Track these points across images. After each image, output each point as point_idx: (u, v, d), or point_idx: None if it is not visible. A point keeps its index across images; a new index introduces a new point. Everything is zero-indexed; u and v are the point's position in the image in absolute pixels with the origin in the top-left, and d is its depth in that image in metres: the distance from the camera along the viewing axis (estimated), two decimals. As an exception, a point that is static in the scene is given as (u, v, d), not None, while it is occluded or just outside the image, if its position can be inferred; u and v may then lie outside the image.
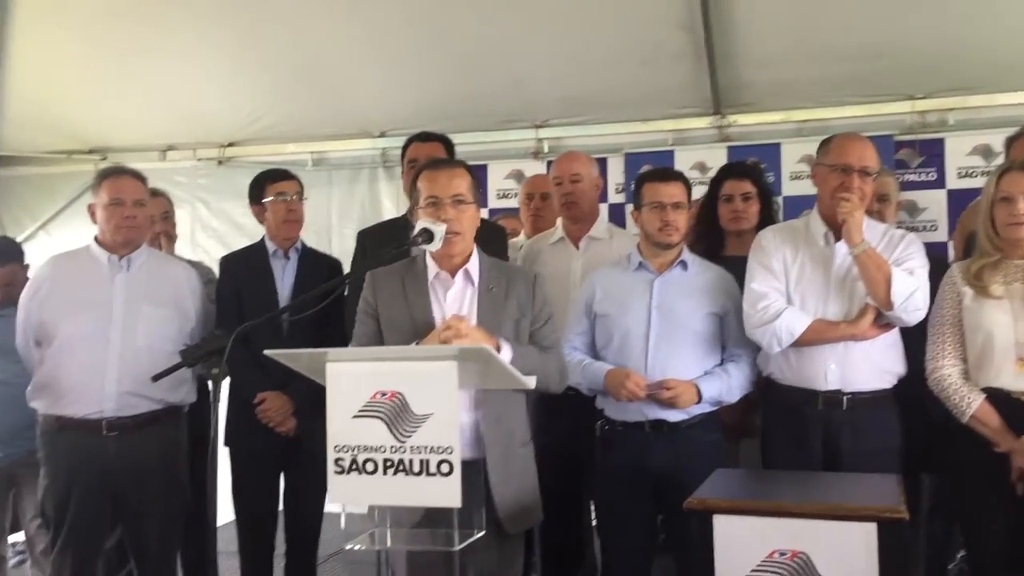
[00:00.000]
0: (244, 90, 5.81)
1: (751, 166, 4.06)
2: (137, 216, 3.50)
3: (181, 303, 3.59)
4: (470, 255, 2.84)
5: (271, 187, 3.79)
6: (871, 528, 2.22)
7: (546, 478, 2.95)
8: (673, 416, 3.17)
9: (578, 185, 3.86)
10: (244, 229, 5.80)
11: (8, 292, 4.05)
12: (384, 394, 2.34)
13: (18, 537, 4.52)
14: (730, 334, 3.25)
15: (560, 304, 3.52)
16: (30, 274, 3.94)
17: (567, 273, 3.80)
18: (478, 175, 5.54)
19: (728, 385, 3.20)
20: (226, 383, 2.90)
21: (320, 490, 3.68)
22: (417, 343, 2.66)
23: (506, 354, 2.62)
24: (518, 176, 5.67)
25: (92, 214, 3.55)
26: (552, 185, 4.01)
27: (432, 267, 2.83)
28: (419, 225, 2.72)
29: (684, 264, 3.28)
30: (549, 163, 5.27)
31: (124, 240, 3.49)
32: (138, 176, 3.58)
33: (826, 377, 3.07)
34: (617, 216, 5.41)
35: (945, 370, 2.98)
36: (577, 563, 3.98)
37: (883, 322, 3.02)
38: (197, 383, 3.70)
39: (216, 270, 4.24)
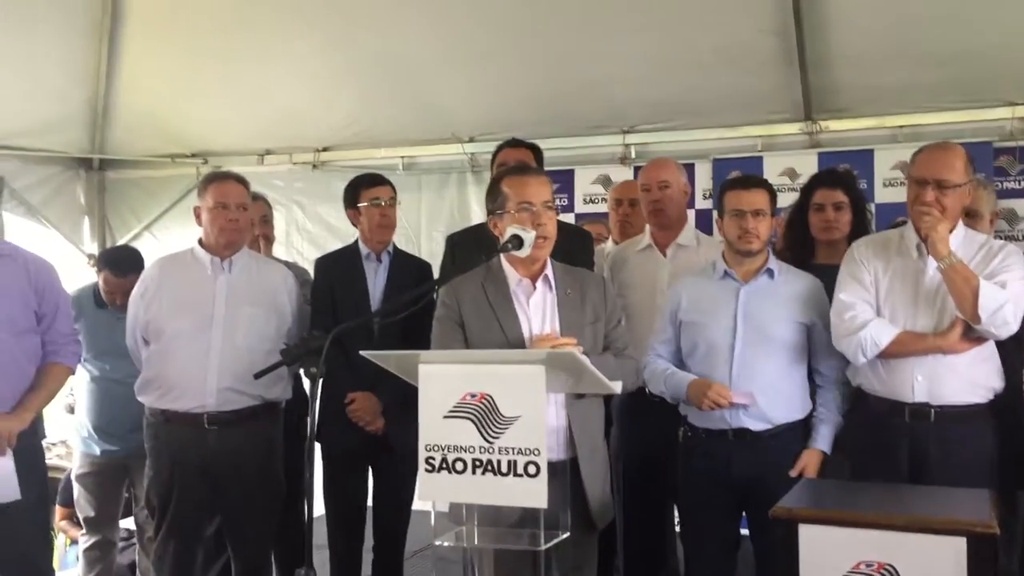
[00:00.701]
0: (337, 96, 5.96)
1: (844, 174, 3.98)
2: (240, 219, 3.65)
3: (278, 304, 3.72)
4: (546, 261, 2.90)
5: (366, 192, 3.88)
6: (960, 543, 2.20)
7: (630, 482, 3.01)
8: (756, 425, 3.18)
9: (666, 192, 3.85)
10: (337, 232, 5.97)
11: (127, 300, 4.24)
12: (474, 395, 2.41)
13: (128, 524, 4.74)
14: (818, 346, 3.23)
15: (647, 311, 3.55)
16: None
17: (654, 280, 3.81)
18: (565, 180, 5.66)
19: (833, 420, 3.24)
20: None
21: (407, 488, 3.81)
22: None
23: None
24: (605, 181, 5.69)
25: (197, 216, 3.71)
26: (640, 191, 4.00)
27: (513, 274, 2.88)
28: (509, 231, 2.77)
29: (771, 272, 3.27)
30: (636, 168, 5.30)
31: (227, 242, 3.64)
32: (241, 181, 3.73)
33: (913, 389, 3.03)
34: (704, 222, 5.37)
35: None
36: (661, 567, 3.98)
37: (973, 336, 2.96)
38: (292, 381, 3.84)
39: (311, 271, 4.37)
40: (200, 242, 3.72)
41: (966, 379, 3.01)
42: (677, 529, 3.89)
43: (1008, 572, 3.48)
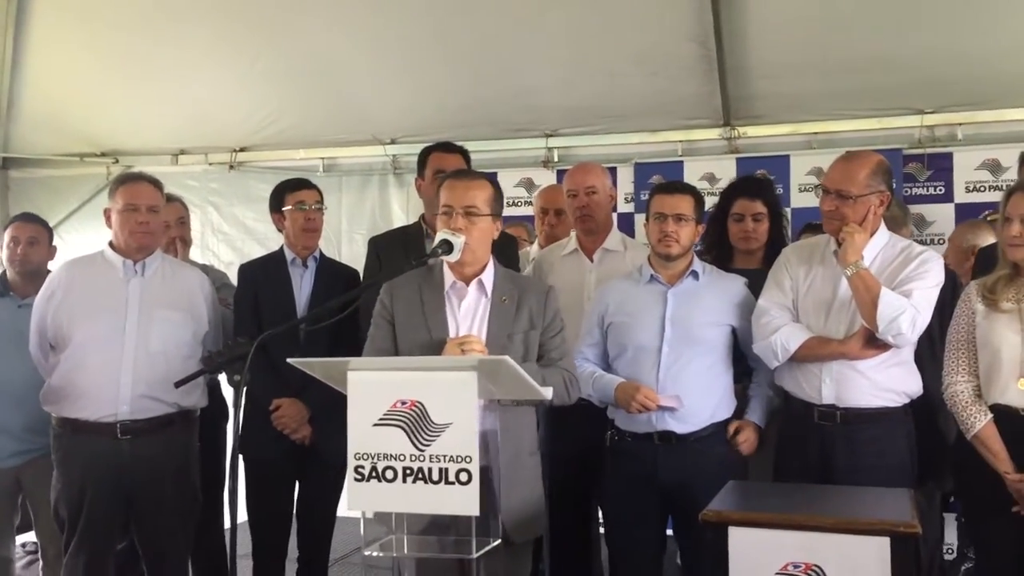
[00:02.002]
0: (256, 95, 5.85)
1: (764, 185, 4.03)
2: (151, 223, 3.53)
3: (195, 308, 3.62)
4: (485, 266, 2.88)
5: (290, 196, 3.81)
6: (884, 543, 2.25)
7: (555, 487, 2.98)
8: (681, 428, 3.21)
9: (593, 197, 3.84)
10: (255, 234, 5.87)
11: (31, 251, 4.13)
12: (404, 403, 2.37)
13: (28, 537, 4.54)
14: (747, 344, 3.27)
15: (573, 316, 3.53)
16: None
17: (581, 285, 3.79)
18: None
19: (769, 398, 3.32)
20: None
21: (333, 496, 3.77)
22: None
23: None
24: (528, 184, 5.71)
25: (107, 218, 3.58)
26: (566, 197, 3.98)
27: (449, 277, 2.87)
28: (439, 236, 2.75)
29: (695, 274, 3.31)
30: (560, 172, 5.34)
31: (138, 246, 3.52)
32: (154, 183, 3.61)
33: (821, 392, 3.10)
34: (626, 226, 5.44)
35: (958, 386, 3.01)
36: (585, 572, 3.99)
37: (878, 343, 3.02)
38: (207, 388, 3.74)
39: (228, 275, 4.28)
40: (111, 244, 3.59)
41: (873, 383, 3.07)
42: (601, 532, 3.92)
43: (928, 562, 3.61)
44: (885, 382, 3.08)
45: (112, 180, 3.69)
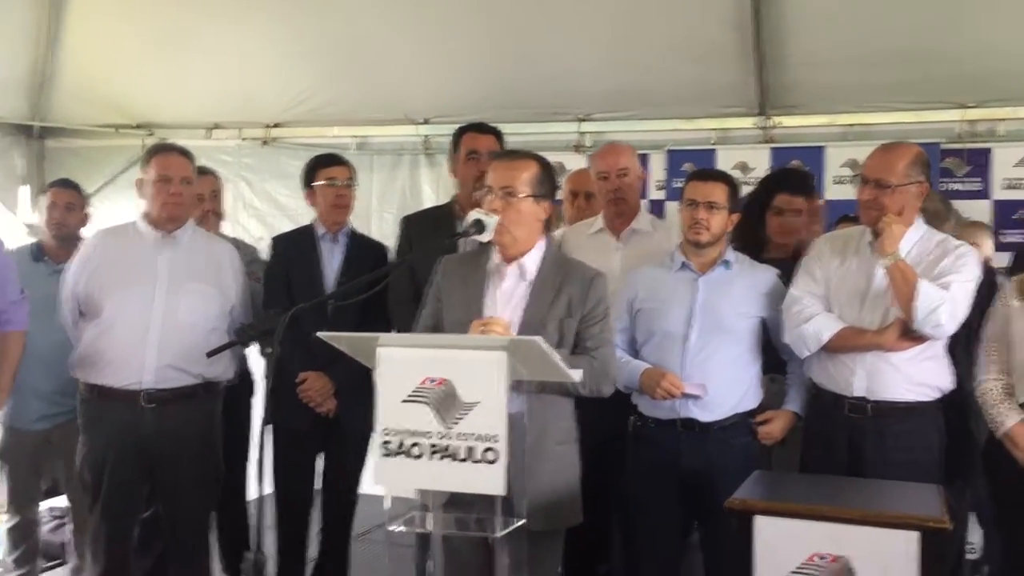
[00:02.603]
0: (291, 72, 5.86)
1: (807, 181, 3.98)
2: (183, 194, 3.54)
3: (223, 281, 3.63)
4: (529, 248, 2.84)
5: (322, 172, 3.83)
6: (913, 537, 2.23)
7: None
8: (704, 416, 3.19)
9: (625, 179, 3.79)
10: (286, 210, 5.89)
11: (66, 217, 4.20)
12: (433, 380, 2.36)
13: (55, 503, 4.60)
14: (779, 337, 3.24)
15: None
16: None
17: (606, 265, 3.74)
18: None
19: (804, 382, 3.28)
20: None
21: (357, 470, 3.79)
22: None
23: None
24: (559, 169, 5.65)
25: (139, 188, 3.60)
26: (596, 180, 3.93)
27: (496, 258, 2.85)
28: (471, 215, 2.74)
29: (727, 263, 3.28)
30: (591, 154, 5.29)
31: (169, 217, 3.53)
32: (186, 154, 3.62)
33: (852, 384, 3.07)
34: (657, 213, 5.40)
35: (988, 384, 2.98)
36: (602, 560, 3.98)
37: (914, 335, 2.99)
38: (237, 361, 3.76)
39: (258, 249, 4.30)
40: (143, 215, 3.61)
41: (906, 377, 3.04)
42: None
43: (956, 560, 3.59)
44: (918, 376, 3.05)
45: (145, 151, 3.68)
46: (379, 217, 5.96)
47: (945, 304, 2.90)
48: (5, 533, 4.27)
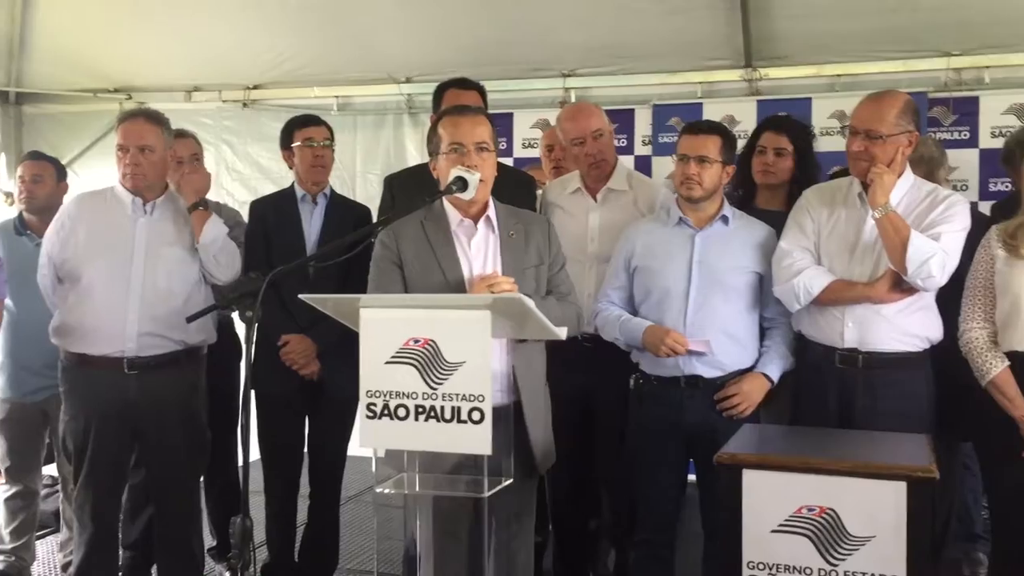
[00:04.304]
0: (270, 32, 5.78)
1: (793, 122, 3.93)
2: (140, 164, 3.45)
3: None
4: (488, 202, 2.84)
5: (299, 132, 3.78)
6: (901, 487, 2.22)
7: (560, 429, 2.97)
8: (708, 372, 3.18)
9: (601, 140, 3.69)
10: (269, 173, 5.83)
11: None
12: (417, 341, 2.35)
13: (52, 471, 4.59)
14: (770, 295, 3.22)
15: (576, 256, 3.49)
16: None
17: (584, 225, 3.70)
18: (504, 124, 5.56)
19: (785, 354, 3.23)
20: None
21: (343, 432, 3.77)
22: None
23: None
24: (544, 125, 5.62)
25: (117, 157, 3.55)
26: (571, 146, 3.78)
27: (455, 215, 2.82)
28: (453, 173, 2.70)
29: (725, 219, 3.25)
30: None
31: (132, 186, 3.47)
32: (153, 119, 3.52)
33: (843, 336, 3.06)
34: (643, 169, 5.36)
35: (973, 332, 2.97)
36: (592, 513, 3.99)
37: (904, 287, 2.98)
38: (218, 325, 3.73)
39: (242, 213, 4.24)
40: (120, 181, 3.54)
41: (896, 327, 3.03)
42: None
43: (942, 515, 3.60)
44: (908, 326, 3.04)
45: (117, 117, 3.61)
46: (363, 179, 5.94)
47: (936, 256, 2.88)
48: (3, 503, 4.26)
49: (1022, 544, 2.90)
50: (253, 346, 2.40)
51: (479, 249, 2.81)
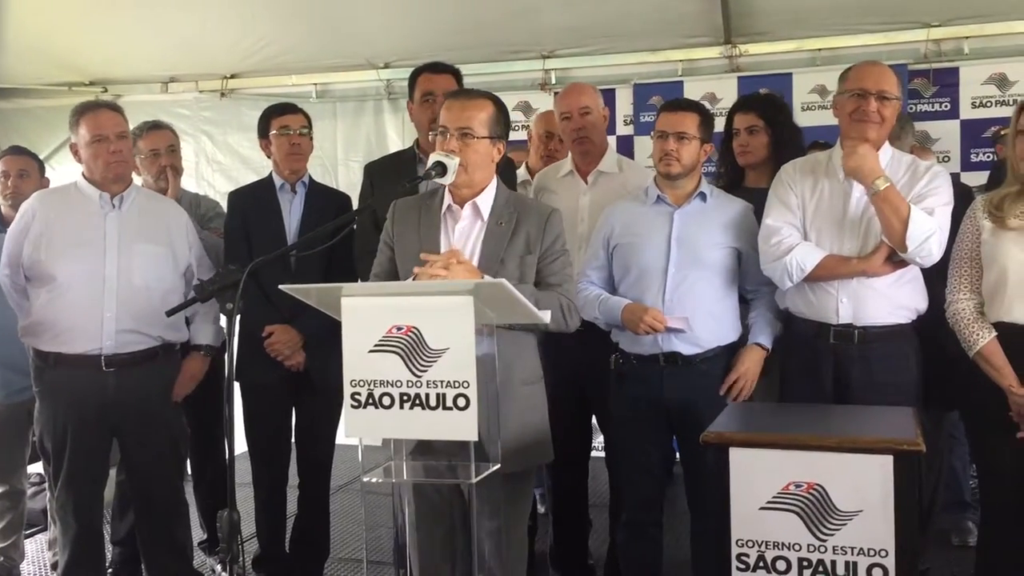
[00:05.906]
0: (246, 21, 5.72)
1: (758, 97, 3.93)
2: (123, 150, 3.40)
3: (175, 241, 3.52)
4: (483, 188, 2.80)
5: (275, 121, 3.73)
6: (887, 461, 2.23)
7: (555, 412, 2.95)
8: (687, 349, 3.17)
9: (588, 118, 3.74)
10: (250, 163, 5.79)
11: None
12: (400, 328, 2.32)
13: (34, 468, 4.55)
14: (750, 270, 3.22)
15: (568, 239, 3.47)
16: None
17: (575, 208, 3.72)
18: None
19: (772, 320, 3.24)
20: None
21: (330, 422, 3.75)
22: (414, 277, 2.62)
23: None
24: (525, 108, 5.60)
25: (75, 153, 3.46)
26: (559, 120, 3.87)
27: (447, 199, 2.80)
28: (432, 158, 2.68)
29: (703, 196, 3.24)
30: (556, 94, 5.21)
31: (115, 176, 3.40)
32: (115, 109, 3.48)
33: (838, 312, 3.05)
34: (625, 148, 5.37)
35: (960, 304, 2.97)
36: (582, 500, 3.99)
37: (896, 260, 2.97)
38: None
39: (223, 204, 4.21)
40: (84, 177, 3.46)
41: (889, 300, 3.03)
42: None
43: (929, 486, 3.61)
44: (900, 299, 3.04)
45: (70, 113, 3.45)
46: (345, 166, 5.90)
47: (936, 234, 2.89)
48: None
49: (1010, 513, 2.91)
50: (236, 338, 2.39)
51: (462, 235, 2.78)
